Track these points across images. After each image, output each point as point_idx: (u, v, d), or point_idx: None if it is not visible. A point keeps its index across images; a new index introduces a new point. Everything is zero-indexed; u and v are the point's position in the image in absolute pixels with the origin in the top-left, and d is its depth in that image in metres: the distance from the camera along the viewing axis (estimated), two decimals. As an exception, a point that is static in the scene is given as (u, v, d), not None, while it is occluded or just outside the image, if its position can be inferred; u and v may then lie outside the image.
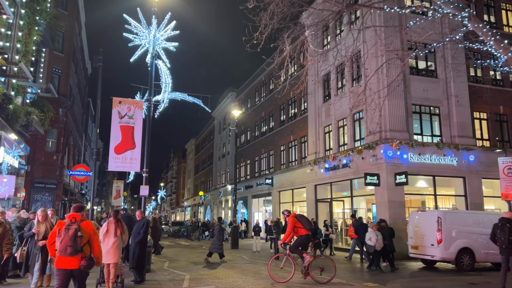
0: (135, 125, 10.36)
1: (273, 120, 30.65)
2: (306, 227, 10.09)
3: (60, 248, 5.28)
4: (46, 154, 23.31)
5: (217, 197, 44.80)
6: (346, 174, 19.72)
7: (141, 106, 10.49)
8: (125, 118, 10.27)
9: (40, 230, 7.95)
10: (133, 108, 10.33)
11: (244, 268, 12.82)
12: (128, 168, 10.18)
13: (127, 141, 10.07)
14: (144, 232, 9.16)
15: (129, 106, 10.26)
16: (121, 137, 10.13)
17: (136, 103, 10.49)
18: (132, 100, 10.56)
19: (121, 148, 10.02)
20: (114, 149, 10.07)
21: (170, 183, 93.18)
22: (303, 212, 25.33)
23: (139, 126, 10.38)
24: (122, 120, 10.27)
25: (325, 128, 22.98)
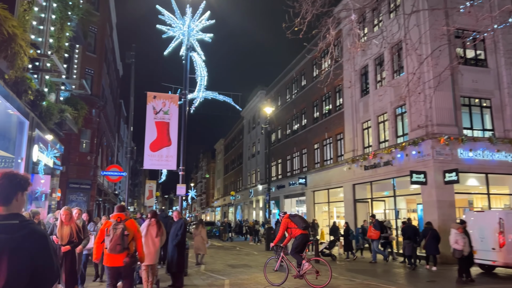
0: (171, 121, 9.82)
1: (305, 118, 29.70)
2: (300, 226, 9.70)
3: (111, 246, 5.71)
4: (80, 155, 23.39)
5: (248, 197, 44.24)
6: (388, 172, 18.56)
7: (176, 101, 9.93)
8: (160, 114, 9.75)
9: (63, 233, 6.61)
10: (168, 103, 9.78)
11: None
12: (164, 166, 9.62)
13: (162, 137, 9.54)
14: (182, 234, 8.56)
15: (164, 101, 9.73)
16: (156, 133, 9.61)
17: (171, 97, 9.93)
18: (167, 94, 10.01)
19: (157, 145, 9.50)
20: (149, 146, 9.57)
21: (199, 183, 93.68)
22: (340, 213, 24.26)
23: (175, 122, 9.84)
24: (157, 116, 9.75)
25: (363, 124, 21.85)
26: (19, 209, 2.19)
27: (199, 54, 11.17)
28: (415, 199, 20.02)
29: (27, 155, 8.34)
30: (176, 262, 8.49)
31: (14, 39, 6.20)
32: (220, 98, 28.44)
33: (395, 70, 19.32)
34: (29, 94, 8.12)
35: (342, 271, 12.94)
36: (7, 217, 2.07)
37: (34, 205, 11.86)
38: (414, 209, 20.13)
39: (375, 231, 15.23)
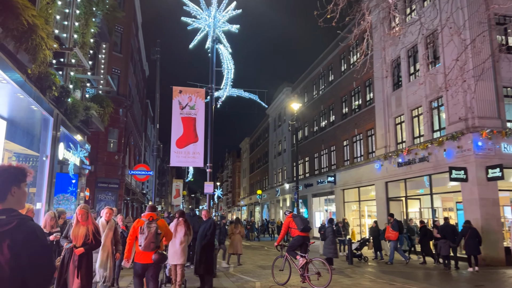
0: (197, 116, 9.41)
1: (333, 114, 28.85)
2: (299, 228, 9.86)
3: (145, 244, 5.96)
4: (108, 154, 23.52)
5: (274, 196, 43.70)
6: (424, 169, 17.58)
7: (203, 95, 9.51)
8: (186, 109, 9.36)
9: (78, 233, 5.83)
10: (194, 98, 9.38)
11: (318, 274, 11.43)
12: (191, 163, 9.23)
13: (189, 134, 9.16)
14: (211, 234, 8.14)
15: (190, 96, 9.33)
16: (182, 129, 9.23)
17: (197, 92, 9.52)
18: (193, 89, 9.61)
19: (183, 142, 9.12)
20: (175, 143, 9.20)
21: (225, 182, 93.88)
22: (372, 212, 23.36)
23: (201, 117, 9.43)
24: (183, 111, 9.37)
25: (395, 119, 20.88)
26: (18, 203, 2.06)
27: (225, 46, 10.70)
28: (452, 197, 18.97)
29: (52, 153, 8.13)
30: (205, 264, 8.07)
31: (35, 30, 5.93)
32: (245, 95, 28.05)
33: (430, 61, 18.28)
34: (54, 90, 7.89)
35: (378, 273, 12.22)
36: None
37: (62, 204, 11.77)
38: (450, 207, 19.06)
39: (393, 231, 14.52)
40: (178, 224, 7.86)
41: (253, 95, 27.75)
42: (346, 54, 27.10)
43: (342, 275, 11.43)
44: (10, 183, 2.03)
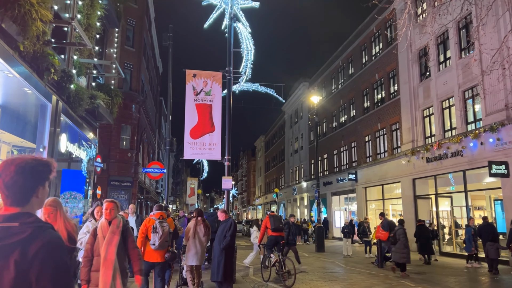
0: (213, 102, 8.38)
1: (354, 108, 27.54)
2: (271, 228, 10.06)
3: (160, 243, 6.01)
4: (121, 151, 22.79)
5: (291, 195, 42.53)
6: (457, 164, 16.22)
7: (220, 79, 8.47)
8: (201, 95, 8.33)
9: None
10: (210, 82, 8.36)
11: (350, 280, 10.28)
12: (207, 155, 8.20)
13: (204, 122, 8.15)
14: (231, 235, 7.11)
15: (205, 80, 8.31)
16: (197, 118, 8.22)
17: (213, 76, 8.48)
18: (209, 72, 8.57)
19: (198, 132, 8.11)
20: (189, 133, 8.19)
21: (240, 181, 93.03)
22: (397, 211, 22.01)
23: (218, 104, 8.39)
24: (198, 97, 8.35)
25: (423, 112, 19.51)
26: (39, 205, 1.63)
27: (244, 24, 9.61)
28: (484, 195, 17.58)
29: (51, 144, 7.21)
30: (223, 270, 7.03)
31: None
32: (262, 89, 26.96)
33: (463, 47, 16.89)
34: (52, 73, 6.97)
35: (420, 279, 10.98)
36: (8, 218, 1.52)
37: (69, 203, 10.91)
38: (480, 206, 17.65)
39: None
40: (197, 223, 7.53)
41: (270, 89, 26.78)
42: (367, 45, 25.76)
43: (374, 279, 10.27)
44: (37, 182, 1.60)
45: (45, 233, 1.51)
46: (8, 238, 1.44)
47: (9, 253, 1.42)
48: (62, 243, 1.56)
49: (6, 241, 1.44)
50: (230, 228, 7.17)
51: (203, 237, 7.49)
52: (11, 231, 1.47)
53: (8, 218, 1.51)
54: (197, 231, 7.50)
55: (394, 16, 22.13)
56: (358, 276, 10.80)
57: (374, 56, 24.78)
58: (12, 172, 1.52)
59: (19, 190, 1.54)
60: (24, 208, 1.57)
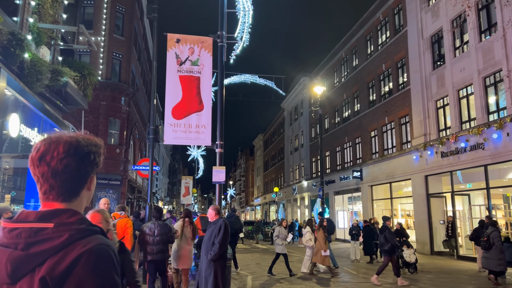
0: (202, 75, 6.72)
1: (358, 102, 25.94)
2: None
3: None
4: (108, 147, 21.09)
5: (291, 195, 40.90)
6: (477, 158, 14.63)
7: (210, 46, 6.79)
8: (187, 65, 6.69)
9: None
10: (198, 50, 6.71)
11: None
12: (194, 140, 6.54)
13: (190, 99, 6.52)
14: (221, 242, 5.49)
15: (191, 47, 6.65)
16: (181, 93, 6.56)
17: (202, 41, 6.80)
18: (196, 37, 6.89)
19: (183, 110, 6.47)
20: (171, 112, 6.54)
21: (238, 181, 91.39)
22: (407, 211, 20.41)
23: (208, 77, 6.72)
24: (182, 68, 6.70)
25: (437, 103, 17.92)
26: (88, 201, 1.24)
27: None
28: (501, 193, 16.05)
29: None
30: (213, 286, 5.40)
31: None
32: (260, 82, 25.44)
33: (482, 30, 15.31)
34: (-9, 32, 5.33)
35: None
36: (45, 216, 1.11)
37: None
38: (497, 205, 16.07)
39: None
40: (184, 225, 7.24)
41: (269, 82, 25.20)
42: (373, 34, 24.17)
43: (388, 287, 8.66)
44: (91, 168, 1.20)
45: (89, 238, 1.08)
46: (34, 246, 1.05)
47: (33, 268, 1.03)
48: (112, 254, 1.11)
49: (32, 249, 1.05)
50: (219, 232, 5.54)
51: (192, 240, 7.36)
52: (41, 236, 1.06)
53: (44, 216, 1.10)
54: (185, 233, 7.24)
55: (403, 0, 20.57)
56: (368, 286, 9.17)
57: (380, 45, 23.20)
58: (61, 154, 1.13)
59: (70, 178, 1.14)
60: (72, 203, 1.16)
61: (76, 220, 1.12)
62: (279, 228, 11.47)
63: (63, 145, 1.15)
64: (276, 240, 11.22)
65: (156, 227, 6.58)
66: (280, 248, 11.14)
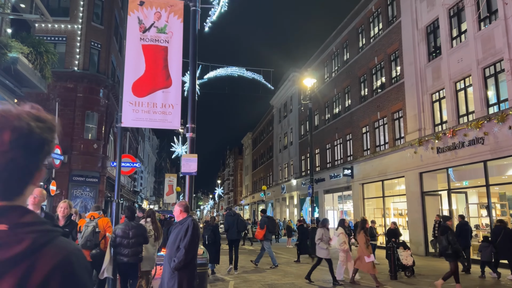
0: (170, 44, 5.56)
1: (349, 97, 25.04)
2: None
3: (82, 242, 6.30)
4: (85, 142, 19.81)
5: (280, 194, 39.93)
6: (476, 154, 13.78)
7: (180, 11, 5.64)
8: (152, 32, 5.53)
9: None
10: (166, 15, 5.56)
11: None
12: (160, 122, 5.39)
13: (155, 73, 5.39)
14: (188, 247, 4.40)
15: (158, 11, 5.48)
16: (144, 65, 5.40)
17: (171, 5, 5.62)
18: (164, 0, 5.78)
19: (146, 86, 5.33)
20: (132, 88, 5.39)
21: (227, 180, 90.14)
22: (398, 210, 19.53)
23: (177, 48, 5.53)
24: (146, 36, 5.52)
25: (432, 96, 17.08)
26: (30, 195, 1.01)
27: None
28: (497, 191, 15.30)
29: None
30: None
31: None
32: (248, 75, 24.30)
33: (481, 18, 14.47)
34: None
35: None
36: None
37: None
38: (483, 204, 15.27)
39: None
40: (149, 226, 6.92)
41: (257, 75, 24.08)
42: (365, 26, 23.29)
43: None
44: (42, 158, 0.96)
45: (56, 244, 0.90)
46: None
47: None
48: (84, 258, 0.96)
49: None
50: (186, 234, 4.44)
51: (155, 241, 6.95)
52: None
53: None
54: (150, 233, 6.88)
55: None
56: None
57: (372, 38, 22.32)
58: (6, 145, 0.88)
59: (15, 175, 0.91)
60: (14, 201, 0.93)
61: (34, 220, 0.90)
62: (322, 230, 10.07)
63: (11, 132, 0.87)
64: (319, 243, 9.83)
65: (130, 228, 6.19)
66: (324, 253, 9.74)
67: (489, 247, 10.88)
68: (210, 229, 11.66)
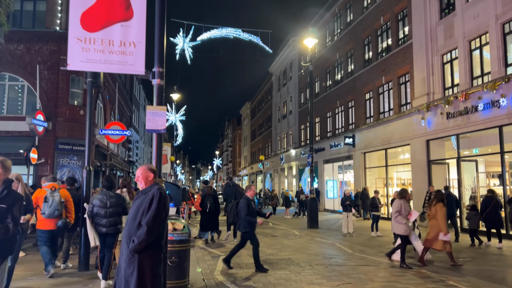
0: (131, -36, 4.42)
1: (352, 62, 23.63)
2: None
3: (50, 212, 6.55)
4: (70, 108, 18.63)
5: (278, 164, 39.09)
6: (491, 118, 12.64)
7: None
8: None
9: None
10: None
11: (372, 284, 6.68)
12: (118, 64, 4.18)
13: (112, 2, 4.23)
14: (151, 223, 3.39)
15: None
16: (97, -10, 4.28)
17: None
18: None
19: (99, 18, 4.13)
20: (80, 20, 4.21)
21: (225, 151, 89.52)
22: (402, 179, 18.60)
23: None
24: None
25: (443, 57, 15.76)
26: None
27: None
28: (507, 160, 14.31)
29: None
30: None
31: None
32: (244, 37, 22.80)
33: (503, -34, 12.95)
34: None
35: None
36: None
37: None
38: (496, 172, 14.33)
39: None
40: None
41: (254, 37, 22.56)
42: (371, -17, 21.56)
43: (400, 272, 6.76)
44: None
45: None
46: None
47: None
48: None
49: None
50: (150, 208, 3.40)
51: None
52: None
53: None
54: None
55: None
56: (380, 273, 7.25)
57: (379, -5, 20.67)
58: None
59: None
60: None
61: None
62: (401, 201, 8.26)
63: None
64: (396, 217, 8.12)
65: (108, 198, 6.19)
66: (402, 228, 8.04)
67: (477, 215, 11.07)
68: (212, 197, 11.61)
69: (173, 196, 10.96)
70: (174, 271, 5.38)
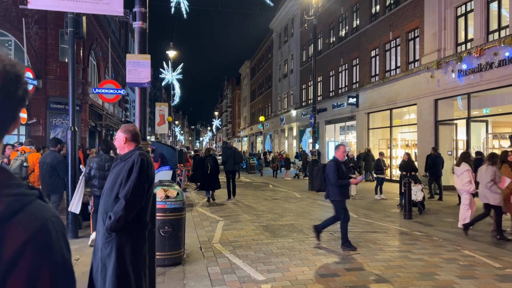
0: None
1: (358, 16, 22.35)
2: None
3: None
4: (61, 65, 17.71)
5: (278, 125, 38.44)
6: (507, 76, 11.86)
7: None
8: None
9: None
10: None
11: (383, 253, 6.25)
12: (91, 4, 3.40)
13: None
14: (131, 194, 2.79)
15: None
16: None
17: None
18: None
19: None
20: None
21: (225, 112, 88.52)
22: (406, 140, 18.03)
23: None
24: None
25: (457, 10, 14.68)
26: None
27: None
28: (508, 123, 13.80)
29: None
30: (115, 281, 2.77)
31: None
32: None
33: None
34: None
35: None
36: None
37: None
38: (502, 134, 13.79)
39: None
40: None
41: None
42: None
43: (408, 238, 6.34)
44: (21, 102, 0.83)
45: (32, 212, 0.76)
46: None
47: None
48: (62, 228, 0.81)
49: None
50: (129, 177, 2.81)
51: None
52: None
53: None
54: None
55: None
56: (390, 241, 6.82)
57: None
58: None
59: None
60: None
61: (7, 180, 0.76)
62: (494, 168, 7.10)
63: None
64: (491, 186, 6.96)
65: (105, 161, 6.06)
66: (497, 198, 6.96)
67: None
68: (212, 159, 11.87)
69: (169, 158, 10.46)
70: (168, 242, 4.91)
